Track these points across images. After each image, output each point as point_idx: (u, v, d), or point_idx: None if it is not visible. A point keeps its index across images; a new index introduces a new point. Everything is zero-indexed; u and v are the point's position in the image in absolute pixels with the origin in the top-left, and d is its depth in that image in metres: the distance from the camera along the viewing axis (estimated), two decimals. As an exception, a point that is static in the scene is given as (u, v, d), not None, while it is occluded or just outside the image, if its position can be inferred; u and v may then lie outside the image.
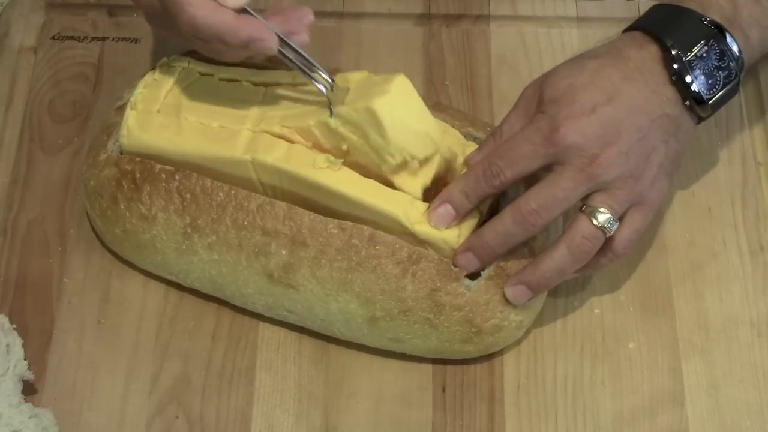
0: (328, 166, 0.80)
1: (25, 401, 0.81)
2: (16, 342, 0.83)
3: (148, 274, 0.89)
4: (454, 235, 0.80)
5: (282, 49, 0.79)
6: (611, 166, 0.78)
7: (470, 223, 0.81)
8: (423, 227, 0.80)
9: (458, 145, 0.84)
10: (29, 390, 0.83)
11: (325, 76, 0.81)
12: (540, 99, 0.81)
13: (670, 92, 0.81)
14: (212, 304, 0.88)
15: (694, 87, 0.80)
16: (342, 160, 0.81)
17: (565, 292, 0.88)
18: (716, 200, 0.92)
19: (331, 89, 0.81)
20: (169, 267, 0.86)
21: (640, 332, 0.87)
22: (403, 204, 0.80)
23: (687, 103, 0.81)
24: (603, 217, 0.79)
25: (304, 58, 0.80)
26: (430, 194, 0.82)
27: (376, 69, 0.98)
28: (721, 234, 0.91)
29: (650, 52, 0.81)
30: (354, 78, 0.83)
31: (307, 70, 0.81)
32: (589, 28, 1.00)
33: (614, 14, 1.00)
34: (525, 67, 0.99)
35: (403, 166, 0.80)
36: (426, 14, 1.03)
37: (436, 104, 0.89)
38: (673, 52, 0.80)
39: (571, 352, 0.86)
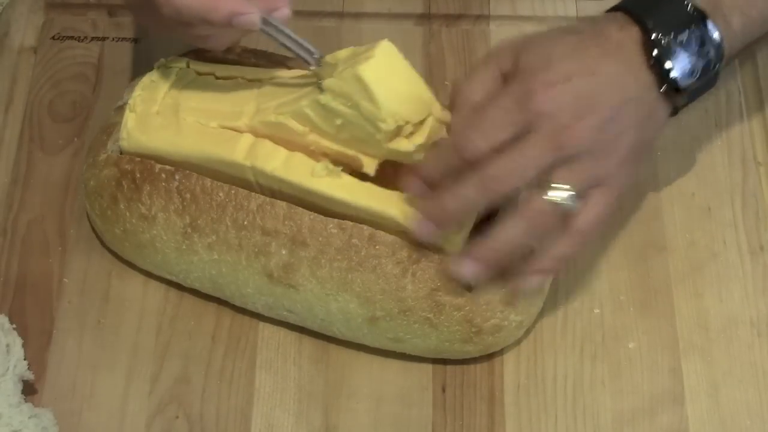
0: (327, 174, 0.80)
1: (25, 401, 0.81)
2: (16, 342, 0.83)
3: (148, 274, 0.89)
4: (453, 233, 0.80)
5: (265, 28, 0.78)
6: (580, 139, 0.76)
7: (469, 221, 0.81)
8: None
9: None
10: (29, 390, 0.83)
11: (312, 51, 0.80)
12: (515, 65, 0.79)
13: (647, 76, 0.79)
14: (212, 304, 0.88)
15: (672, 73, 0.79)
16: (341, 168, 0.81)
17: (565, 292, 0.88)
18: (716, 200, 0.92)
19: (319, 64, 0.80)
20: (169, 267, 0.86)
21: (640, 332, 0.87)
22: (400, 204, 0.80)
23: (663, 89, 0.80)
24: (562, 193, 0.76)
25: (288, 36, 0.79)
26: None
27: (376, 69, 0.98)
28: (721, 234, 0.91)
29: (631, 33, 0.80)
30: (341, 55, 0.81)
31: (292, 47, 0.80)
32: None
33: (614, 14, 1.00)
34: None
35: (398, 131, 0.79)
36: (426, 14, 1.03)
37: (436, 104, 0.89)
38: (654, 36, 0.79)
39: (571, 352, 0.86)
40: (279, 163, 0.81)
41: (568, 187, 0.76)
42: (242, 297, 0.85)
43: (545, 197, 0.76)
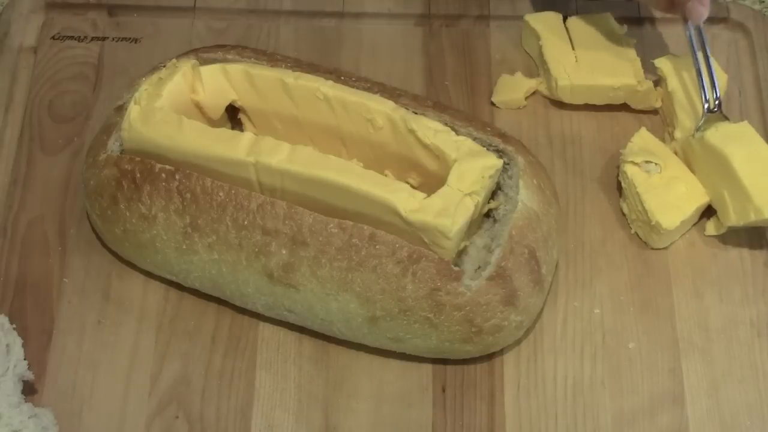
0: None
1: (25, 401, 0.81)
2: (16, 342, 0.83)
3: (148, 274, 0.89)
4: (447, 224, 0.80)
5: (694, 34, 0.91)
6: None
7: (464, 213, 0.81)
8: (418, 215, 0.80)
9: (449, 142, 0.84)
10: (29, 390, 0.83)
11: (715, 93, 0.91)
12: None
13: None
14: (212, 304, 0.88)
15: None
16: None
17: (565, 292, 0.88)
18: (716, 200, 0.92)
19: (712, 111, 0.91)
20: (170, 267, 0.86)
21: (640, 332, 0.87)
22: (402, 193, 0.80)
23: None
24: None
25: (707, 58, 0.91)
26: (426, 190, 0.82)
27: (375, 69, 0.99)
28: (721, 234, 0.91)
29: None
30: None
31: (703, 76, 0.91)
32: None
33: (614, 14, 1.00)
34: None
35: None
36: (426, 14, 1.03)
37: (436, 104, 0.89)
38: None
39: (571, 352, 0.86)
40: (283, 156, 0.81)
41: None
42: (242, 297, 0.85)
43: None
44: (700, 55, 0.91)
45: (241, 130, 0.90)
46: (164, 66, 0.89)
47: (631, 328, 0.87)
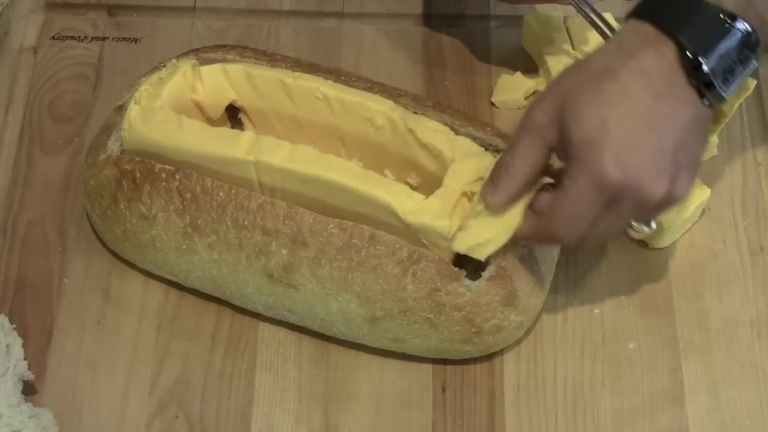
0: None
1: (25, 401, 0.81)
2: (16, 342, 0.83)
3: (148, 274, 0.89)
4: (445, 225, 0.80)
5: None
6: (663, 192, 0.74)
7: (463, 213, 0.81)
8: (416, 217, 0.80)
9: (447, 141, 0.84)
10: (29, 390, 0.83)
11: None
12: (567, 138, 0.74)
13: (692, 95, 0.74)
14: (212, 304, 0.88)
15: (717, 90, 0.75)
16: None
17: (565, 292, 0.88)
18: (716, 200, 0.92)
19: None
20: (170, 267, 0.86)
21: (640, 332, 0.87)
22: (400, 195, 0.80)
23: (706, 102, 0.75)
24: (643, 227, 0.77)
25: (597, 13, 0.92)
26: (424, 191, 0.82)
27: (376, 69, 0.99)
28: (721, 234, 0.91)
29: (669, 58, 0.74)
30: None
31: (602, 26, 0.92)
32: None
33: (614, 14, 1.00)
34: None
35: None
36: (426, 14, 1.03)
37: (436, 104, 0.89)
38: (693, 57, 0.74)
39: (571, 352, 0.86)
40: (284, 155, 0.81)
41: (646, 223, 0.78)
42: (242, 297, 0.85)
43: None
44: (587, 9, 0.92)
45: (241, 130, 0.90)
46: (164, 66, 0.89)
47: (631, 328, 0.87)
